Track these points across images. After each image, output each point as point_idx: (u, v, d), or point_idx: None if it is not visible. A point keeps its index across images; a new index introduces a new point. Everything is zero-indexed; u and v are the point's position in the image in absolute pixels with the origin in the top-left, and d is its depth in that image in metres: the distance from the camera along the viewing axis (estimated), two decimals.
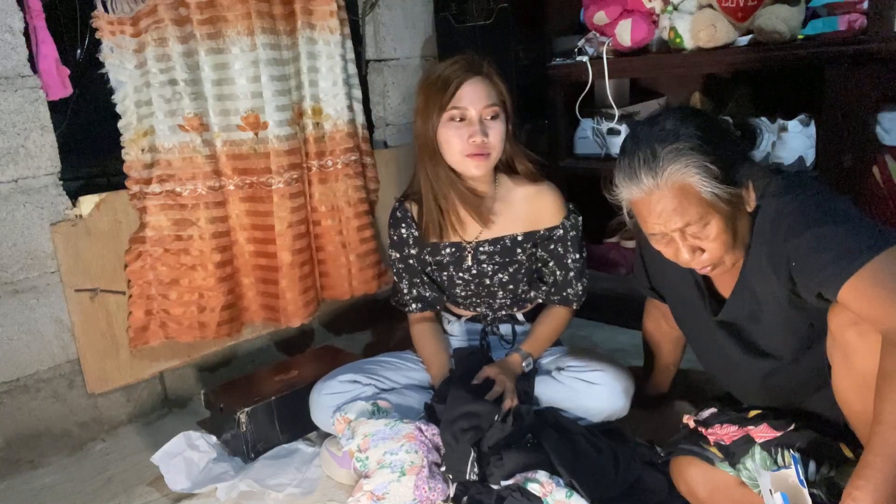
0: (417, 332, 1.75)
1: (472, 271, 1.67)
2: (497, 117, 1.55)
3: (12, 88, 1.62)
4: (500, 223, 1.65)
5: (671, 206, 1.09)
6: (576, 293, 1.69)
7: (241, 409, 1.64)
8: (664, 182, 1.08)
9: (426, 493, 1.35)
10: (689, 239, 1.13)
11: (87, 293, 1.77)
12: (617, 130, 2.21)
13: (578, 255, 1.67)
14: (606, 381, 1.53)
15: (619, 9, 2.07)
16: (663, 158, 1.08)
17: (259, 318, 2.06)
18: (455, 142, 1.54)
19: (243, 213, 1.95)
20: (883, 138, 1.76)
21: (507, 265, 1.66)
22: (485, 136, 1.53)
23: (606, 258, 2.48)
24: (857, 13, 1.72)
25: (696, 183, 1.07)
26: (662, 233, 1.14)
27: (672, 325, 1.55)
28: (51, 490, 1.65)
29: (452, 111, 1.53)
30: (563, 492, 1.28)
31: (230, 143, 1.89)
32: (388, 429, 1.44)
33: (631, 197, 1.16)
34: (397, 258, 1.74)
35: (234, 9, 1.79)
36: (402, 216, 1.71)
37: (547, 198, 1.65)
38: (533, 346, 1.67)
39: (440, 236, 1.65)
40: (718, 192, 1.07)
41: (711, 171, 1.07)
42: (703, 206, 1.08)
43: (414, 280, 1.74)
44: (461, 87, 1.52)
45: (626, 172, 1.14)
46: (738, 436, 1.22)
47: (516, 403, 1.47)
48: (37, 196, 1.69)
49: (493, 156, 1.57)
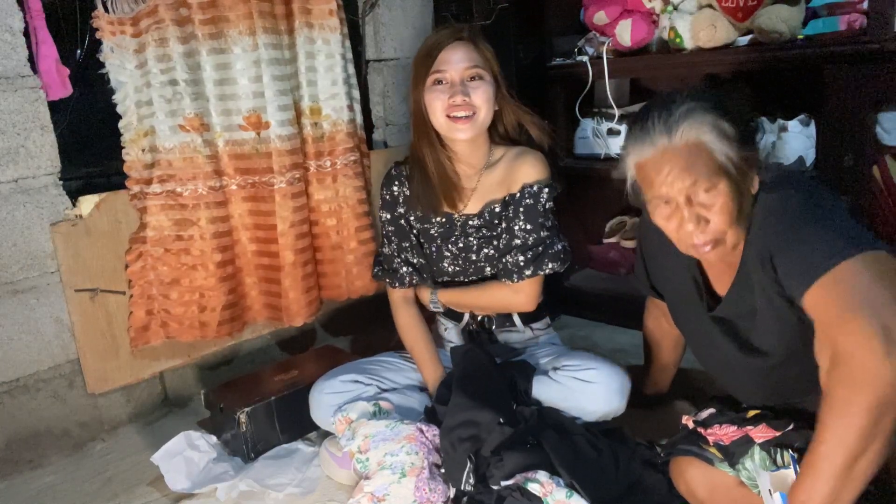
0: (404, 322, 1.73)
1: (459, 244, 1.67)
2: (480, 78, 1.56)
3: (12, 88, 1.62)
4: (487, 194, 1.65)
5: (682, 163, 1.08)
6: (515, 263, 1.58)
7: (241, 409, 1.64)
8: (678, 138, 1.08)
9: (426, 494, 1.35)
10: (696, 207, 1.10)
11: (87, 293, 1.77)
12: (617, 130, 2.21)
13: (529, 227, 1.58)
14: (602, 380, 1.52)
15: (619, 9, 2.07)
16: (679, 116, 1.08)
17: (262, 317, 2.06)
18: (437, 104, 1.56)
19: (245, 212, 1.95)
20: (883, 138, 1.76)
21: (492, 238, 1.65)
22: (465, 96, 1.54)
23: (606, 258, 2.48)
24: (857, 13, 1.72)
25: (710, 141, 1.07)
26: (668, 197, 1.11)
27: (672, 323, 1.56)
28: (51, 490, 1.65)
29: (434, 75, 1.56)
30: (563, 492, 1.28)
31: (232, 143, 1.89)
32: (389, 430, 1.45)
33: (640, 158, 1.13)
34: (388, 219, 1.74)
35: (236, 9, 1.79)
36: (396, 174, 1.74)
37: (525, 160, 1.62)
38: (449, 294, 1.70)
39: (432, 209, 1.66)
40: (730, 153, 1.07)
41: (725, 131, 1.07)
42: (713, 167, 1.08)
43: (403, 244, 1.73)
44: (441, 51, 1.56)
45: (638, 134, 1.13)
46: (737, 436, 1.22)
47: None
48: (37, 196, 1.69)
49: (480, 117, 1.57)
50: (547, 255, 1.59)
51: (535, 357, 1.69)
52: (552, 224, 1.63)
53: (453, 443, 1.40)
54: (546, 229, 1.60)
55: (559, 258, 1.61)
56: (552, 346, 1.75)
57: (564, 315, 2.36)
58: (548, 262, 1.59)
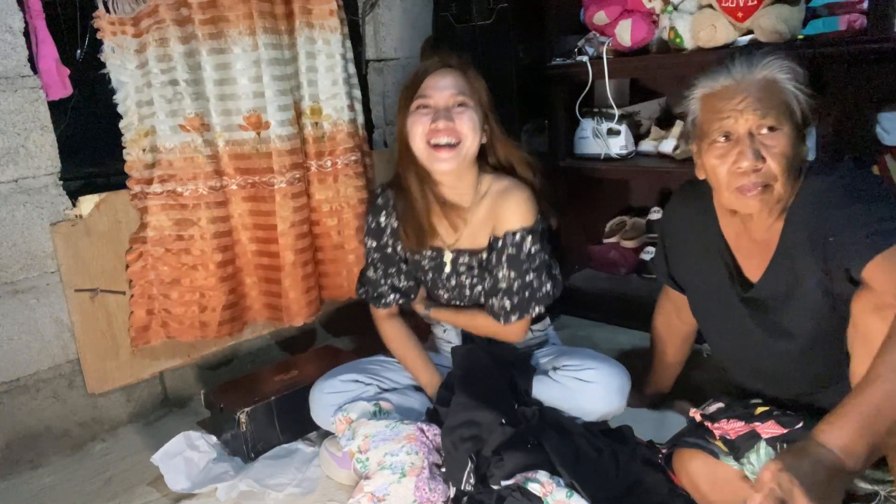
0: (391, 335, 1.69)
1: (452, 282, 1.63)
2: (465, 106, 1.50)
3: (12, 88, 1.62)
4: (476, 230, 1.58)
5: (755, 94, 1.14)
6: (501, 307, 1.53)
7: (241, 409, 1.64)
8: (757, 71, 1.15)
9: (426, 494, 1.35)
10: (757, 141, 1.14)
11: (87, 293, 1.77)
12: (617, 130, 2.21)
13: (513, 274, 1.52)
14: (601, 380, 1.52)
15: (619, 9, 2.07)
16: (758, 56, 1.16)
17: (262, 317, 2.06)
18: (418, 128, 1.49)
19: (246, 212, 1.95)
20: (883, 138, 1.76)
21: (485, 276, 1.59)
22: (449, 121, 1.47)
23: (606, 258, 2.48)
24: (857, 13, 1.72)
25: (784, 81, 1.14)
26: (731, 130, 1.15)
27: (683, 319, 1.57)
28: (51, 490, 1.65)
29: (418, 100, 1.50)
30: (563, 492, 1.28)
31: (232, 143, 1.89)
32: (389, 430, 1.45)
33: (713, 88, 1.19)
34: (374, 247, 1.67)
35: (236, 9, 1.79)
36: (383, 203, 1.65)
37: (508, 202, 1.53)
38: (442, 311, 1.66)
39: (420, 243, 1.59)
40: (800, 95, 1.14)
41: (799, 76, 1.15)
42: (781, 108, 1.14)
43: (389, 270, 1.67)
44: (426, 77, 1.51)
45: (715, 69, 1.19)
46: (743, 431, 1.22)
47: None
48: (37, 196, 1.69)
49: (464, 146, 1.49)
50: (534, 299, 1.54)
51: (534, 357, 1.69)
52: (539, 263, 1.54)
53: (455, 442, 1.40)
54: (533, 270, 1.53)
55: (547, 298, 1.56)
56: (552, 345, 1.75)
57: (564, 315, 2.36)
58: (534, 305, 1.54)
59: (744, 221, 1.27)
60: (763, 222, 1.23)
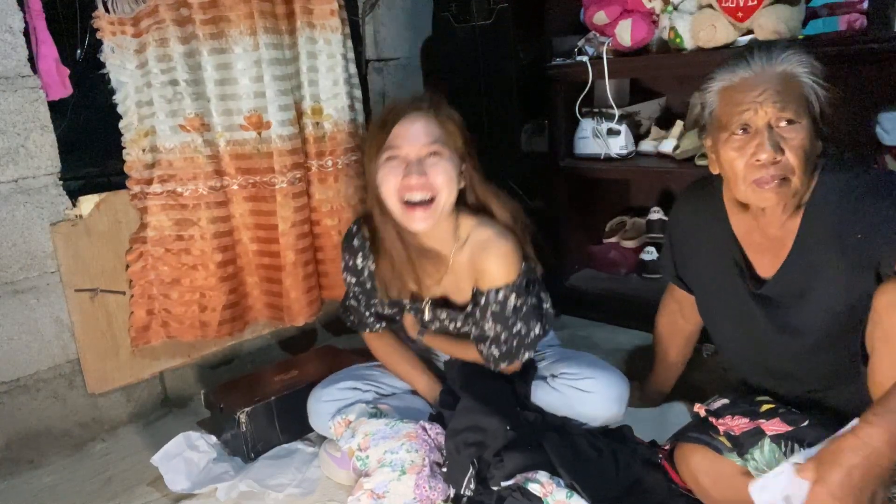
0: (382, 350, 1.67)
1: (435, 325, 1.60)
2: (438, 156, 1.39)
3: (12, 88, 1.62)
4: (459, 278, 1.51)
5: (775, 86, 1.14)
6: (490, 355, 1.50)
7: (241, 409, 1.64)
8: (777, 64, 1.16)
9: (426, 492, 1.35)
10: (776, 134, 1.15)
11: (87, 293, 1.77)
12: (617, 130, 2.21)
13: (500, 327, 1.46)
14: (599, 389, 1.51)
15: (619, 9, 2.07)
16: (778, 49, 1.17)
17: (263, 317, 2.06)
18: (390, 182, 1.39)
19: (247, 212, 1.95)
20: (883, 138, 1.76)
21: (468, 323, 1.55)
22: (422, 175, 1.37)
23: (606, 258, 2.48)
24: (857, 13, 1.72)
25: (802, 75, 1.15)
26: (750, 122, 1.16)
27: (687, 319, 1.57)
28: (51, 490, 1.65)
29: (388, 151, 1.40)
30: (563, 492, 1.28)
31: (233, 143, 1.89)
32: (389, 428, 1.45)
33: (732, 80, 1.19)
34: (353, 282, 1.60)
35: (237, 9, 1.79)
36: (359, 245, 1.56)
37: (490, 258, 1.44)
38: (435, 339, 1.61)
39: (398, 295, 1.53)
40: (818, 89, 1.15)
41: (817, 71, 1.16)
42: (800, 102, 1.14)
43: (371, 301, 1.62)
44: (396, 124, 1.40)
45: (734, 61, 1.20)
46: (748, 428, 1.22)
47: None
48: (37, 196, 1.69)
49: (440, 202, 1.40)
50: (522, 346, 1.50)
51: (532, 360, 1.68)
52: (525, 312, 1.48)
53: (458, 446, 1.39)
54: (520, 320, 1.47)
55: (536, 341, 1.53)
56: (550, 347, 1.74)
57: (564, 315, 2.36)
58: (523, 352, 1.51)
59: (756, 217, 1.27)
60: (777, 218, 1.23)
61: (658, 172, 2.17)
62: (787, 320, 1.25)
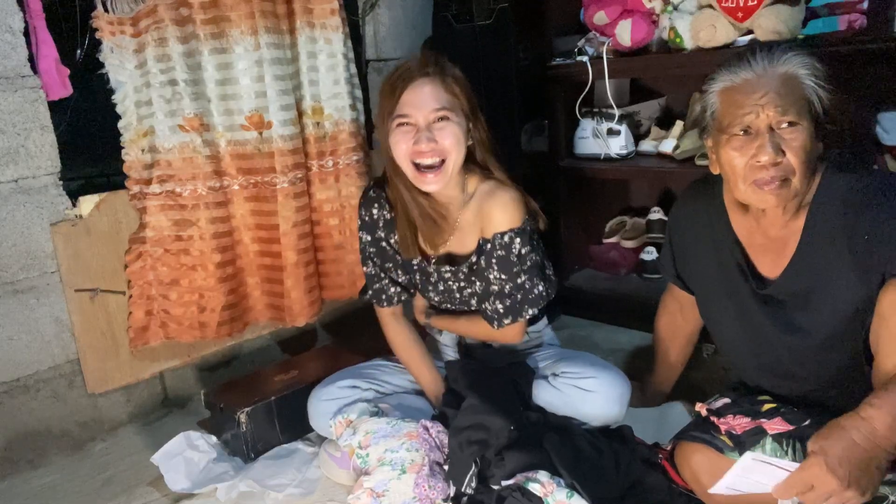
0: (395, 337, 1.68)
1: (440, 287, 1.62)
2: (447, 119, 1.43)
3: (12, 88, 1.62)
4: (465, 234, 1.55)
5: (776, 89, 1.14)
6: (494, 311, 1.52)
7: (241, 409, 1.64)
8: (779, 65, 1.16)
9: (426, 491, 1.35)
10: (777, 136, 1.15)
11: (87, 293, 1.77)
12: (617, 130, 2.21)
13: (504, 276, 1.49)
14: (601, 389, 1.51)
15: (619, 9, 2.07)
16: (781, 51, 1.17)
17: (264, 317, 2.06)
18: (401, 147, 1.44)
19: (248, 212, 1.95)
20: (883, 138, 1.76)
21: (472, 281, 1.57)
22: (432, 141, 1.41)
23: (606, 258, 2.48)
24: (857, 13, 1.72)
25: (804, 77, 1.16)
26: (750, 124, 1.16)
27: (687, 319, 1.57)
28: (51, 490, 1.64)
29: (398, 118, 1.44)
30: (563, 492, 1.28)
31: (234, 143, 1.89)
32: (390, 427, 1.45)
33: (734, 81, 1.19)
34: (369, 241, 1.62)
35: (238, 8, 1.79)
36: (375, 195, 1.61)
37: (495, 203, 1.49)
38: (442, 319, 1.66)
39: (407, 252, 1.57)
40: (819, 91, 1.15)
41: (819, 72, 1.16)
42: (801, 104, 1.15)
43: (386, 265, 1.64)
44: (404, 91, 1.43)
45: (735, 62, 1.19)
46: (749, 427, 1.22)
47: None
48: (37, 196, 1.69)
49: (450, 165, 1.45)
50: (526, 301, 1.51)
51: (533, 360, 1.68)
52: (531, 264, 1.51)
53: (461, 444, 1.39)
54: (524, 273, 1.50)
55: (540, 300, 1.53)
56: (550, 347, 1.74)
57: (564, 315, 2.36)
58: (527, 308, 1.52)
59: (757, 218, 1.27)
60: (778, 218, 1.23)
61: (658, 172, 2.17)
62: (793, 320, 1.25)
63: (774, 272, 1.27)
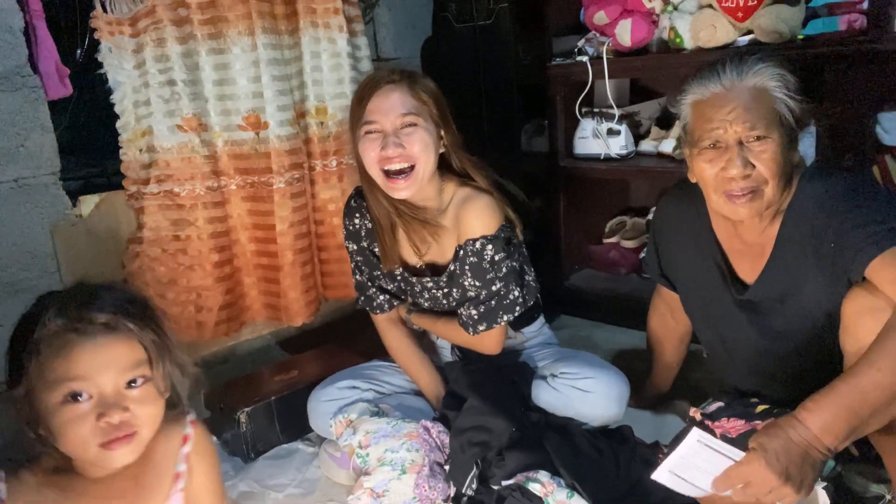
0: (392, 342, 1.68)
1: (425, 295, 1.61)
2: (414, 125, 1.41)
3: (12, 88, 1.62)
4: (445, 245, 1.54)
5: (744, 104, 1.14)
6: (469, 317, 1.50)
7: (241, 409, 1.64)
8: (747, 79, 1.15)
9: (426, 491, 1.35)
10: (746, 149, 1.14)
11: None
12: (617, 130, 2.21)
13: (478, 283, 1.48)
14: (599, 389, 1.51)
15: (619, 9, 2.07)
16: (749, 62, 1.16)
17: (261, 317, 2.06)
18: (370, 154, 1.42)
19: (245, 212, 1.96)
20: (883, 138, 1.76)
21: (455, 287, 1.55)
22: (400, 147, 1.39)
23: (606, 258, 2.48)
24: (857, 13, 1.72)
25: (773, 89, 1.15)
26: (720, 138, 1.16)
27: (678, 319, 1.56)
28: None
29: (365, 125, 1.43)
30: (564, 492, 1.28)
31: (231, 143, 1.89)
32: (390, 427, 1.45)
33: (704, 95, 1.18)
34: (355, 250, 1.63)
35: (235, 9, 1.79)
36: (357, 205, 1.60)
37: (468, 210, 1.47)
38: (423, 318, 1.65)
39: (387, 262, 1.57)
40: (789, 103, 1.15)
41: (789, 83, 1.15)
42: (771, 116, 1.14)
43: (374, 273, 1.63)
44: (371, 98, 1.42)
45: (706, 74, 1.19)
46: (744, 429, 1.22)
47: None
48: (37, 196, 1.69)
49: (419, 170, 1.42)
50: (501, 307, 1.49)
51: (532, 360, 1.68)
52: (507, 271, 1.49)
53: (463, 445, 1.39)
54: (499, 280, 1.48)
55: (516, 306, 1.51)
56: (548, 346, 1.74)
57: (564, 315, 2.36)
58: (502, 315, 1.50)
59: (734, 224, 1.28)
60: (755, 226, 1.24)
61: (658, 172, 2.17)
62: (770, 325, 1.26)
63: (752, 277, 1.27)
